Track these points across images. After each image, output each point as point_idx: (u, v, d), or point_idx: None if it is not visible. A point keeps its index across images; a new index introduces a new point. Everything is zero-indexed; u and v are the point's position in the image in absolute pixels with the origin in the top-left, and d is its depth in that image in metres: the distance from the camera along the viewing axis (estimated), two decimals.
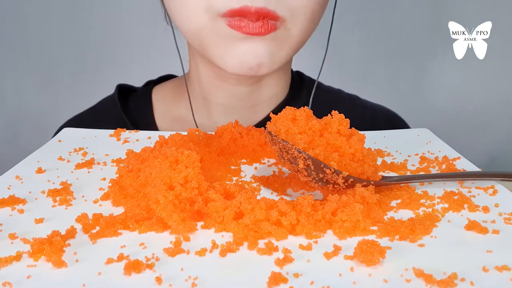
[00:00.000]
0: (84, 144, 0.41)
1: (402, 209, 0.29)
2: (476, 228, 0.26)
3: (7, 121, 1.03)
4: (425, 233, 0.26)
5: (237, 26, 0.40)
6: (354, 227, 0.26)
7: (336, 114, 0.32)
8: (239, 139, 0.39)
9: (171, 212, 0.26)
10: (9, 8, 0.96)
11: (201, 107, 0.52)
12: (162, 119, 0.54)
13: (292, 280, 0.22)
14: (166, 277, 0.22)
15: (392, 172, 0.36)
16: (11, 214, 0.29)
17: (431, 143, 0.42)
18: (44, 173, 0.35)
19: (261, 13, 0.40)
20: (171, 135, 0.37)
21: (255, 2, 0.39)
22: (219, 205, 0.27)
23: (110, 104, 0.55)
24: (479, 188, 0.32)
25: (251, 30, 0.40)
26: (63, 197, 0.31)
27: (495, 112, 1.00)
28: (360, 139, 0.32)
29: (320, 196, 0.32)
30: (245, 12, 0.40)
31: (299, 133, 0.31)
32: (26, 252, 0.24)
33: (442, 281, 0.21)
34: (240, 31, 0.40)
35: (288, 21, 0.42)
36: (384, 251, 0.23)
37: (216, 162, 0.36)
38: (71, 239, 0.26)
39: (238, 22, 0.40)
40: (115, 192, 0.31)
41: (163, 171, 0.29)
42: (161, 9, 0.50)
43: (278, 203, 0.27)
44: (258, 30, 0.40)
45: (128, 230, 0.27)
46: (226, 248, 0.24)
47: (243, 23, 0.40)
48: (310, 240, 0.25)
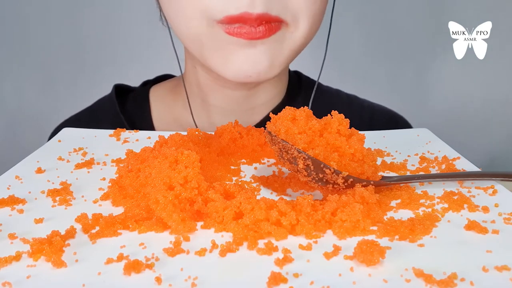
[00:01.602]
0: (84, 144, 0.41)
1: (402, 209, 0.29)
2: (476, 228, 0.26)
3: (7, 121, 1.03)
4: (425, 233, 0.26)
5: (237, 33, 0.40)
6: (354, 227, 0.26)
7: (336, 114, 0.32)
8: (239, 139, 0.39)
9: (171, 212, 0.26)
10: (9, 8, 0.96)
11: (199, 108, 0.52)
12: (159, 120, 0.54)
13: (292, 280, 0.22)
14: (166, 277, 0.22)
15: (392, 172, 0.36)
16: (11, 214, 0.29)
17: (431, 143, 0.42)
18: (44, 173, 0.35)
19: (263, 18, 0.39)
20: (170, 135, 0.37)
21: (256, 8, 0.39)
22: (219, 205, 0.27)
23: (108, 104, 0.55)
24: (479, 188, 0.32)
25: (254, 35, 0.40)
26: (62, 197, 0.31)
27: (495, 112, 1.00)
28: (360, 139, 0.32)
29: (320, 196, 0.32)
30: (245, 18, 0.39)
31: (299, 133, 0.31)
32: (25, 252, 0.24)
33: (442, 281, 0.21)
34: (242, 37, 0.40)
35: (290, 24, 0.42)
36: (384, 251, 0.23)
37: (216, 162, 0.36)
38: (71, 239, 0.26)
39: (238, 29, 0.40)
40: (114, 192, 0.31)
41: (162, 171, 0.29)
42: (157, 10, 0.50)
43: (278, 203, 0.27)
44: (262, 34, 0.40)
45: (128, 230, 0.27)
46: (226, 248, 0.24)
47: (244, 29, 0.40)
48: (310, 240, 0.25)
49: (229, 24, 0.40)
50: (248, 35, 0.40)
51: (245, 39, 0.40)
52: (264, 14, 0.39)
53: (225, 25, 0.40)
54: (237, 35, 0.40)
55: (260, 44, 0.41)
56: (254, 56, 0.41)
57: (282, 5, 0.40)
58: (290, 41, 0.43)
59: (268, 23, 0.40)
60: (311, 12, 0.42)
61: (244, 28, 0.40)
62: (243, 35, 0.40)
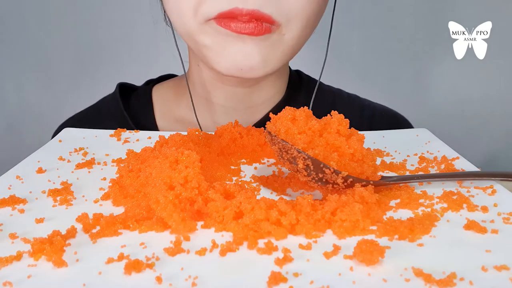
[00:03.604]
0: (84, 144, 0.41)
1: (401, 209, 0.29)
2: (475, 228, 0.26)
3: (8, 120, 1.03)
4: (424, 233, 0.26)
5: (226, 25, 0.40)
6: (353, 226, 0.26)
7: (335, 114, 0.32)
8: (239, 139, 0.39)
9: (171, 212, 0.26)
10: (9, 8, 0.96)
11: (201, 107, 0.53)
12: (162, 118, 0.54)
13: (291, 280, 0.22)
14: (166, 277, 0.22)
15: (391, 172, 0.36)
16: (12, 214, 0.29)
17: (430, 143, 0.42)
18: (45, 173, 0.35)
19: (254, 15, 0.39)
20: (171, 135, 0.37)
21: (247, 4, 0.39)
22: (219, 205, 0.27)
23: (112, 103, 0.55)
24: (478, 188, 0.32)
25: (242, 30, 0.40)
26: (63, 197, 0.31)
27: (495, 112, 1.00)
28: (360, 139, 0.32)
29: (319, 196, 0.32)
30: (235, 14, 0.39)
31: (299, 133, 0.32)
32: (26, 251, 0.24)
33: (441, 280, 0.21)
34: (229, 30, 0.40)
35: (283, 26, 0.42)
36: (383, 250, 0.23)
37: (216, 162, 0.36)
38: (72, 238, 0.26)
39: (228, 21, 0.40)
40: (115, 192, 0.31)
41: (163, 171, 0.29)
42: (161, 10, 0.50)
43: (277, 203, 0.27)
44: (250, 30, 0.40)
45: (129, 229, 0.27)
46: (226, 247, 0.24)
47: (233, 23, 0.40)
48: (310, 239, 0.25)
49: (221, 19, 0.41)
50: (236, 29, 0.40)
51: (233, 32, 0.40)
52: (255, 11, 0.39)
53: (217, 19, 0.41)
54: (226, 26, 0.40)
55: (249, 40, 0.41)
56: (245, 50, 0.41)
57: (275, 5, 0.40)
58: (282, 44, 0.43)
59: (259, 21, 0.40)
60: (305, 14, 0.42)
61: (233, 22, 0.40)
62: (231, 27, 0.40)
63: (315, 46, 0.53)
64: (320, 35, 0.49)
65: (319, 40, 0.51)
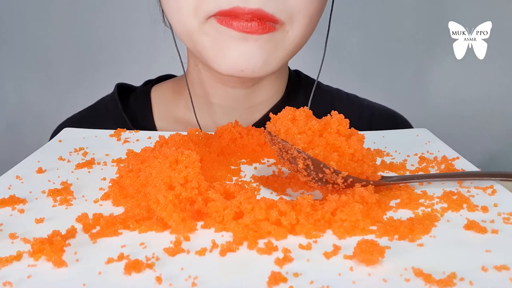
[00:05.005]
0: (84, 144, 0.41)
1: (401, 209, 0.29)
2: (475, 228, 0.26)
3: (8, 120, 1.03)
4: (424, 233, 0.26)
5: (228, 23, 0.40)
6: (353, 226, 0.26)
7: (335, 114, 0.32)
8: (239, 139, 0.39)
9: (171, 212, 0.26)
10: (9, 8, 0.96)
11: (201, 107, 0.52)
12: (161, 119, 0.54)
13: (291, 280, 0.22)
14: (166, 277, 0.22)
15: (391, 172, 0.36)
16: (12, 214, 0.29)
17: (430, 143, 0.42)
18: (45, 173, 0.35)
19: (257, 14, 0.39)
20: (171, 135, 0.37)
21: (248, 3, 0.38)
22: (219, 205, 0.27)
23: (110, 103, 0.55)
24: (478, 188, 0.32)
25: (244, 29, 0.39)
26: (63, 197, 0.31)
27: (495, 112, 1.00)
28: (360, 139, 0.32)
29: (319, 196, 0.32)
30: (236, 13, 0.39)
31: (299, 133, 0.32)
32: (26, 251, 0.24)
33: (441, 280, 0.21)
34: (231, 28, 0.40)
35: (286, 24, 0.41)
36: (383, 250, 0.23)
37: (216, 162, 0.36)
38: (72, 238, 0.26)
39: (230, 20, 0.40)
40: (115, 192, 0.31)
41: (163, 171, 0.29)
42: (159, 11, 0.50)
43: (277, 203, 0.27)
44: (254, 29, 0.39)
45: (128, 230, 0.27)
46: (226, 247, 0.24)
47: (235, 22, 0.39)
48: (310, 239, 0.25)
49: (221, 16, 0.40)
50: (239, 27, 0.39)
51: (235, 30, 0.40)
52: (258, 10, 0.39)
53: (218, 17, 0.40)
54: (227, 25, 0.40)
55: (252, 40, 0.40)
56: (247, 50, 0.41)
57: (278, 3, 0.40)
58: (285, 42, 0.43)
59: (262, 20, 0.40)
60: (308, 12, 0.42)
61: (235, 20, 0.39)
62: (233, 26, 0.40)
63: (315, 46, 0.53)
64: (320, 34, 0.49)
65: (319, 40, 0.51)
